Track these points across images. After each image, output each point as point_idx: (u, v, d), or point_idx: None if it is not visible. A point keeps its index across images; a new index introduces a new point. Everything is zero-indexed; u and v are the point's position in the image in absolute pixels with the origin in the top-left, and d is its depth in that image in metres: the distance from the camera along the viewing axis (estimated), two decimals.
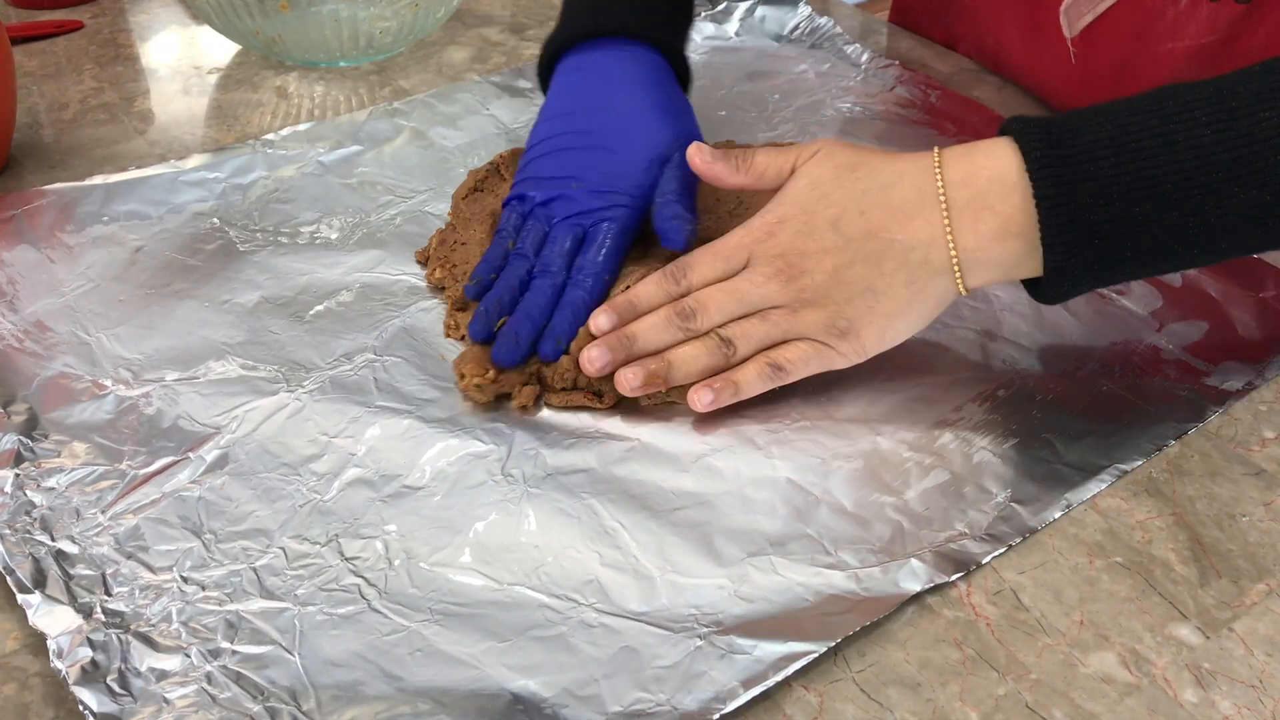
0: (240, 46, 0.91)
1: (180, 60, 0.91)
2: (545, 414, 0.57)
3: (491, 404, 0.57)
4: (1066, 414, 0.56)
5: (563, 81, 0.67)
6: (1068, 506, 0.52)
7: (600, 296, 0.59)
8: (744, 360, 0.56)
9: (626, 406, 0.57)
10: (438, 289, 0.64)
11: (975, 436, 0.55)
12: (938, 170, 0.53)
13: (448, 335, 0.61)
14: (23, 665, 0.46)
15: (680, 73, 0.69)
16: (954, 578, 0.48)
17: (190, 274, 0.66)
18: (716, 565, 0.49)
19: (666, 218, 0.60)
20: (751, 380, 0.55)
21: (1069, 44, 0.80)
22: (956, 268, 0.53)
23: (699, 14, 0.94)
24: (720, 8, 0.94)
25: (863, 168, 0.55)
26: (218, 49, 0.92)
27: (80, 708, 0.43)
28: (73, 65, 0.89)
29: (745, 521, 0.51)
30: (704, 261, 0.56)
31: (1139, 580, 0.49)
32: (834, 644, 0.45)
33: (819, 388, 0.58)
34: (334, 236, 0.69)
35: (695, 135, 0.65)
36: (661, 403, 0.57)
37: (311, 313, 0.63)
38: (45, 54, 0.91)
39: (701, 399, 0.55)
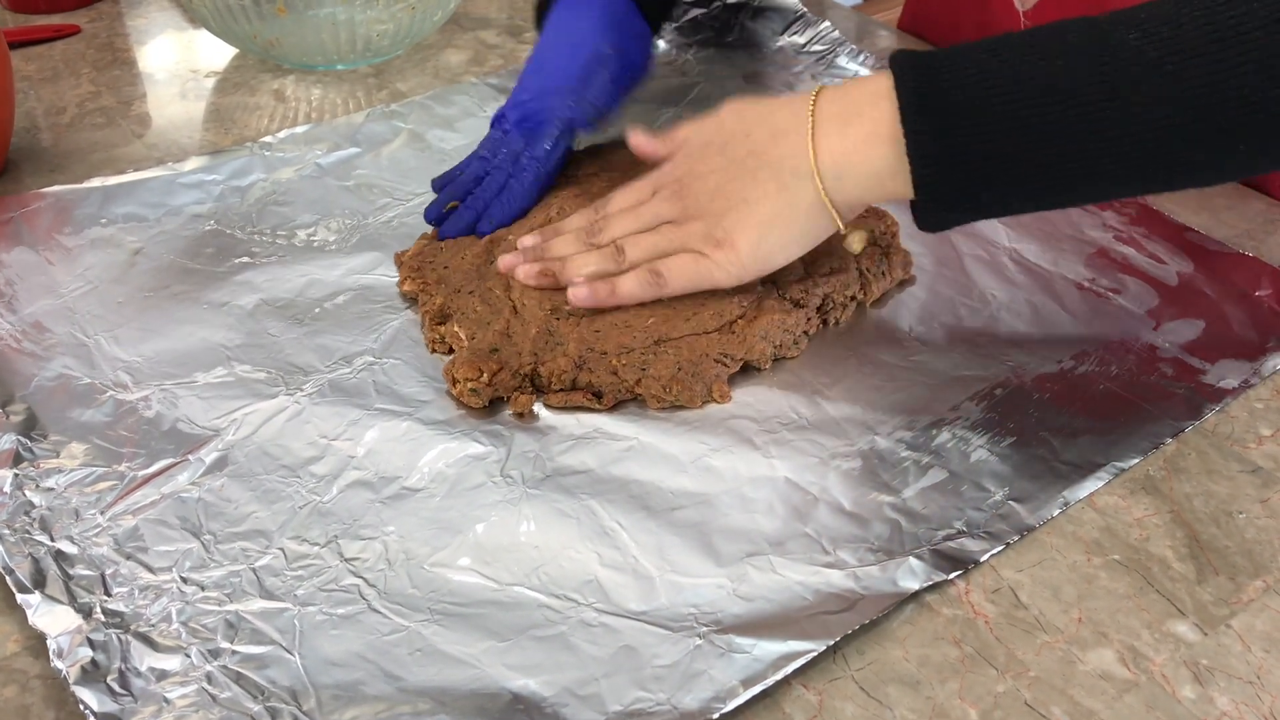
0: (237, 50, 0.91)
1: (177, 64, 0.91)
2: (544, 415, 0.57)
3: (490, 406, 0.57)
4: (1064, 412, 0.57)
5: (544, 26, 0.75)
6: (1065, 504, 0.52)
7: (537, 185, 0.68)
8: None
9: (625, 407, 0.57)
10: (409, 299, 0.64)
11: (973, 435, 0.55)
12: (814, 94, 0.56)
13: (433, 351, 0.61)
14: (23, 668, 0.46)
15: (651, 14, 0.76)
16: (952, 576, 0.49)
17: (189, 276, 0.66)
18: (715, 565, 0.49)
19: (582, 103, 0.69)
20: (630, 283, 0.59)
21: (1021, 17, 0.81)
22: (818, 174, 0.55)
23: (696, 15, 0.94)
24: (717, 9, 0.94)
25: (755, 105, 0.59)
26: (215, 52, 0.92)
27: (81, 708, 0.43)
28: (70, 69, 0.89)
29: (744, 521, 0.51)
30: (619, 194, 0.63)
31: (1137, 577, 0.49)
32: (833, 642, 0.46)
33: (817, 388, 0.58)
34: (332, 239, 0.69)
35: (631, 43, 0.72)
36: (666, 405, 0.57)
37: (310, 315, 0.63)
38: (43, 58, 0.91)
39: (577, 293, 0.59)
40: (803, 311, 0.60)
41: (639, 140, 0.64)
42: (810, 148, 0.55)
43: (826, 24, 0.92)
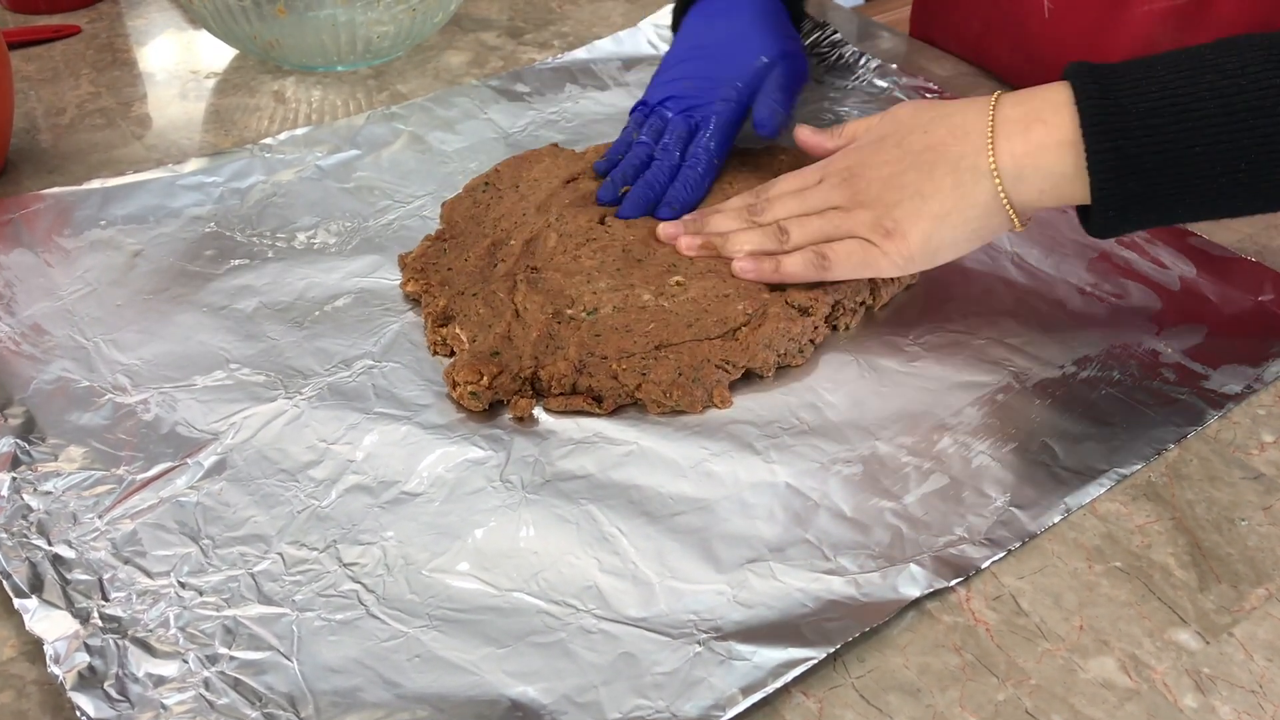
0: (237, 51, 0.91)
1: (177, 65, 0.90)
2: (543, 420, 0.57)
3: (489, 410, 0.57)
4: (1065, 418, 0.56)
5: (685, 24, 0.78)
6: (1067, 511, 0.52)
7: (709, 175, 0.69)
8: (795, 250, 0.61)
9: (625, 411, 0.57)
10: (411, 301, 0.64)
11: (974, 441, 0.55)
12: (993, 99, 0.57)
13: (434, 354, 0.60)
14: (20, 673, 0.46)
15: (793, 10, 0.79)
16: (953, 583, 0.48)
17: (188, 279, 0.66)
18: (715, 571, 0.49)
19: (764, 105, 0.70)
20: (796, 262, 0.60)
21: (1044, 2, 0.81)
22: (996, 174, 0.55)
23: None
24: None
25: (935, 105, 0.60)
26: (215, 53, 0.92)
27: (78, 714, 0.43)
28: (70, 70, 0.89)
29: (744, 527, 0.51)
30: (784, 179, 0.64)
31: (1138, 585, 0.49)
32: (833, 650, 0.45)
33: (818, 393, 0.58)
34: (332, 241, 0.69)
35: (797, 56, 0.74)
36: (666, 410, 0.57)
37: (309, 318, 0.63)
38: (43, 59, 0.91)
39: (742, 266, 0.61)
40: (810, 319, 0.60)
41: (806, 135, 0.65)
42: (990, 148, 0.56)
43: (829, 26, 0.91)
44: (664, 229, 0.64)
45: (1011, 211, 0.56)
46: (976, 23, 0.90)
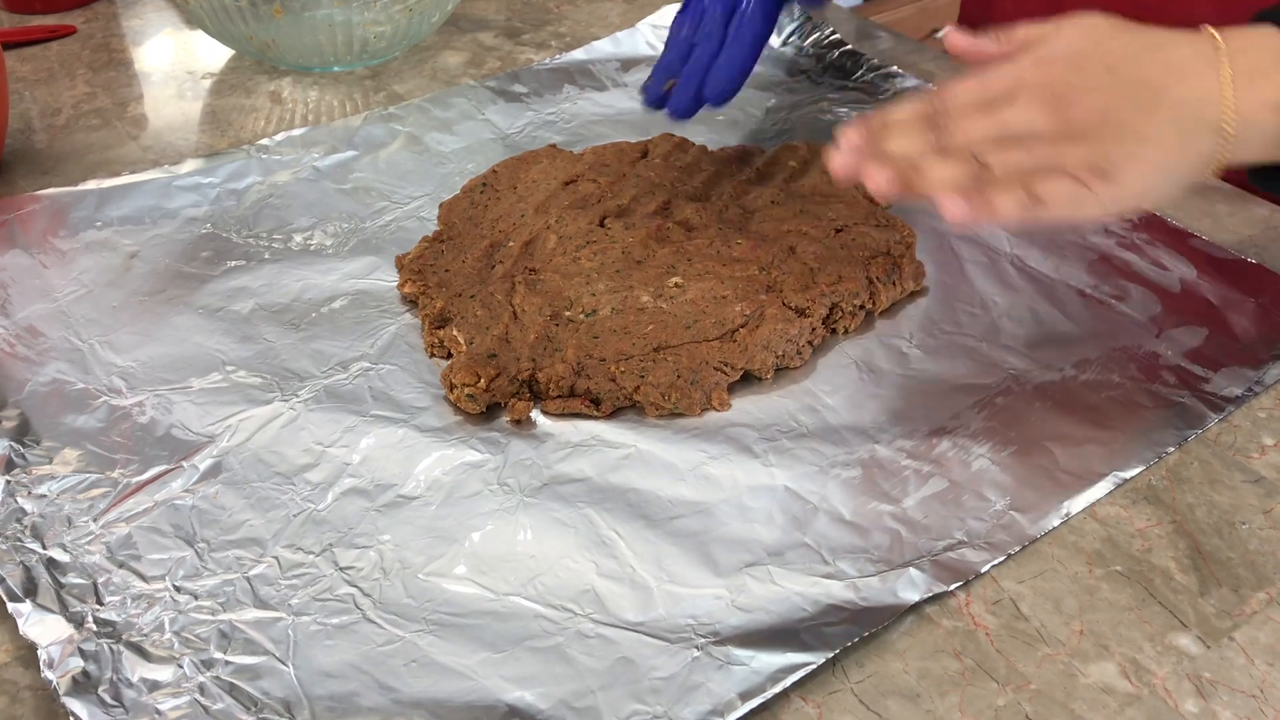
0: (234, 51, 0.91)
1: (174, 65, 0.90)
2: (541, 423, 0.57)
3: (487, 413, 0.57)
4: (1065, 421, 0.56)
5: None
6: (1067, 514, 0.52)
7: (756, 47, 0.67)
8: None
9: (623, 414, 0.57)
10: (409, 302, 0.64)
11: (973, 444, 0.55)
12: (1215, 36, 0.51)
13: (431, 355, 0.60)
14: (13, 678, 0.46)
15: None
16: (953, 587, 0.48)
17: (184, 280, 0.66)
18: (714, 575, 0.49)
19: None
20: (1009, 205, 0.51)
21: None
22: (1229, 129, 0.50)
23: None
24: None
25: (1136, 28, 0.52)
26: (211, 54, 0.91)
27: (72, 719, 0.43)
28: (66, 70, 0.89)
29: (743, 530, 0.51)
30: (967, 90, 0.52)
31: (1139, 589, 0.49)
32: (832, 655, 0.45)
33: (817, 396, 0.58)
34: (329, 243, 0.69)
35: None
36: (664, 413, 0.56)
37: (306, 320, 0.62)
38: (38, 59, 0.91)
39: (955, 205, 0.50)
40: (807, 320, 0.59)
41: (959, 39, 0.55)
42: (1225, 99, 0.50)
43: (827, 27, 0.91)
44: (835, 163, 0.53)
45: (1217, 169, 0.52)
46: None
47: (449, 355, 0.60)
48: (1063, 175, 0.50)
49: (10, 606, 0.47)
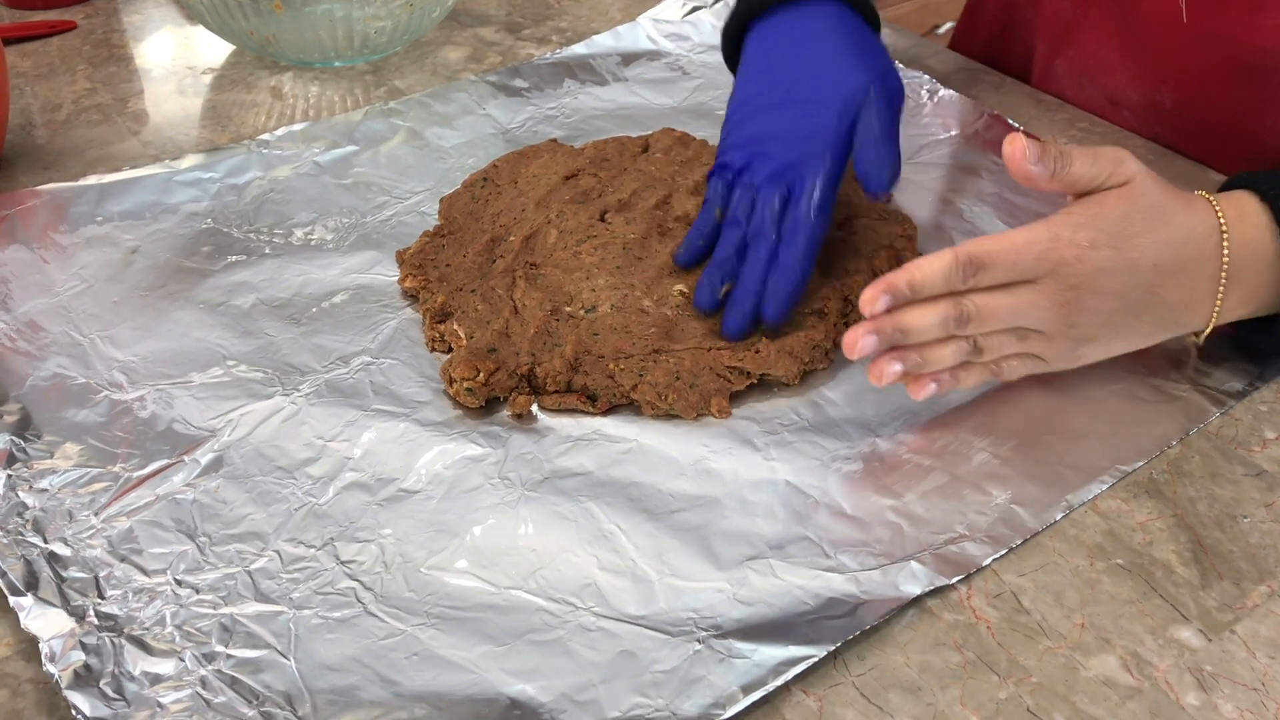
0: (234, 47, 0.91)
1: (174, 60, 0.90)
2: (542, 417, 0.57)
3: (487, 407, 0.57)
4: (1067, 415, 0.56)
5: (752, 50, 0.66)
6: (1068, 508, 0.52)
7: (812, 250, 0.58)
8: None
9: (623, 409, 0.57)
10: (409, 296, 0.64)
11: (975, 438, 0.55)
12: (1225, 233, 0.54)
13: (432, 350, 0.60)
14: (14, 671, 0.46)
15: (869, 20, 0.67)
16: (954, 580, 0.48)
17: (185, 275, 0.66)
18: (715, 568, 0.49)
19: (868, 153, 0.59)
20: (973, 379, 0.54)
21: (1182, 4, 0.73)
22: (1210, 325, 0.55)
23: (696, 13, 0.93)
24: (717, 7, 0.94)
25: (1166, 215, 0.53)
26: (212, 49, 0.91)
27: (73, 712, 0.43)
28: (66, 66, 0.89)
29: (744, 524, 0.51)
30: (1003, 264, 0.51)
31: (1140, 582, 0.49)
32: (834, 648, 0.45)
33: (818, 389, 0.58)
34: (329, 238, 0.69)
35: (891, 74, 0.63)
36: (660, 413, 0.56)
37: (307, 315, 0.62)
38: (39, 54, 0.90)
39: (925, 389, 0.53)
40: (825, 321, 0.59)
41: (1022, 163, 0.52)
42: (1216, 309, 0.54)
43: None
44: (855, 346, 0.51)
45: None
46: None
47: (449, 350, 0.60)
48: (1030, 356, 0.54)
49: (12, 600, 0.47)
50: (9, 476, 0.52)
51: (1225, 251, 0.53)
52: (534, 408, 0.57)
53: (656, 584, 0.48)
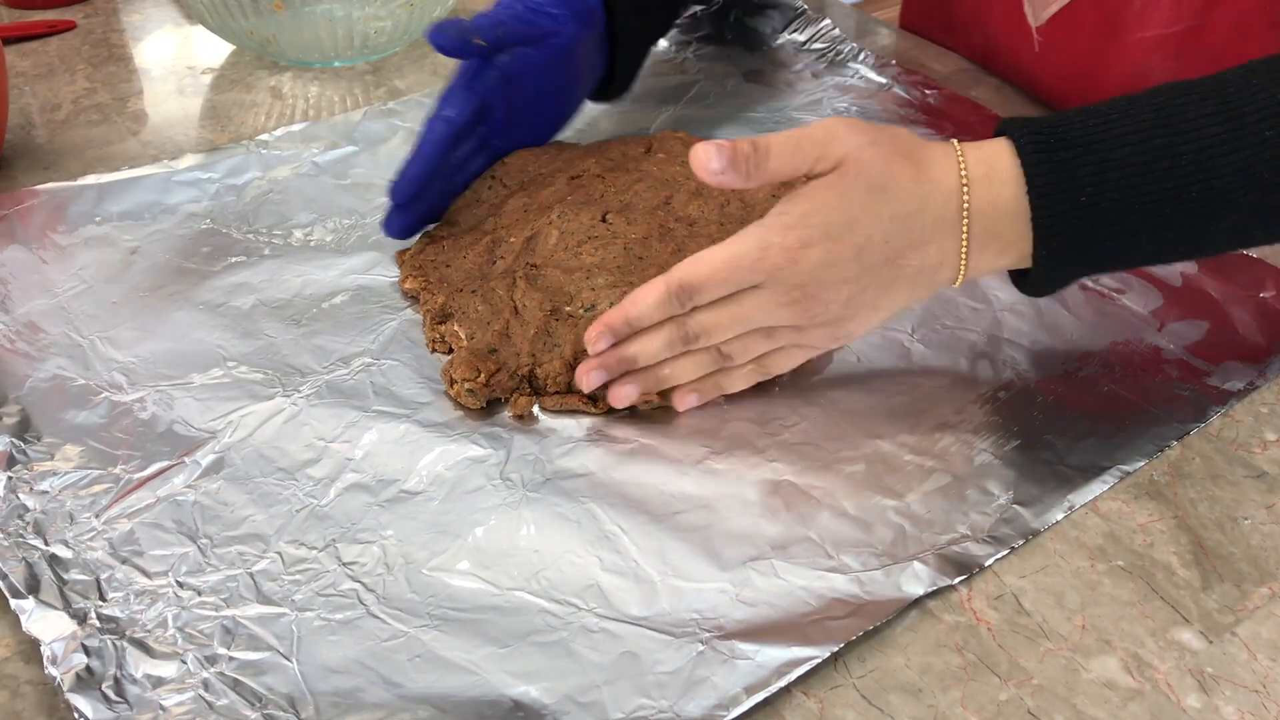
0: (234, 46, 0.91)
1: (174, 60, 0.90)
2: (543, 418, 0.56)
3: (489, 408, 0.57)
4: (1068, 415, 0.56)
5: None
6: (1070, 508, 0.52)
7: (435, 148, 0.63)
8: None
9: (624, 410, 0.57)
10: (410, 297, 0.64)
11: (976, 439, 0.55)
12: (966, 194, 0.52)
13: (433, 350, 0.60)
14: (14, 673, 0.46)
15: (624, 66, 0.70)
16: (956, 580, 0.48)
17: (184, 276, 0.65)
18: (718, 569, 0.49)
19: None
20: (739, 381, 0.56)
21: (1034, 32, 0.80)
22: (956, 283, 0.54)
23: (696, 13, 0.93)
24: (717, 7, 0.94)
25: (891, 190, 0.51)
26: (211, 49, 0.91)
27: (75, 715, 0.43)
28: (65, 65, 0.89)
29: (746, 525, 0.51)
30: (714, 284, 0.52)
31: (1141, 584, 0.49)
32: (838, 648, 0.45)
33: (819, 390, 0.58)
34: (329, 238, 0.68)
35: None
36: (659, 407, 0.56)
37: (307, 316, 0.62)
38: (38, 54, 0.90)
39: (686, 401, 0.56)
40: None
41: (713, 173, 0.51)
42: (960, 265, 0.53)
43: (827, 21, 0.91)
44: (585, 380, 0.55)
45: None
46: (966, 49, 0.89)
47: (450, 350, 0.60)
48: (794, 347, 0.55)
49: (13, 603, 0.47)
50: (9, 479, 0.52)
51: (965, 212, 0.52)
52: (535, 409, 0.57)
53: (659, 585, 0.48)
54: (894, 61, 0.87)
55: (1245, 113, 0.50)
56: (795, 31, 0.92)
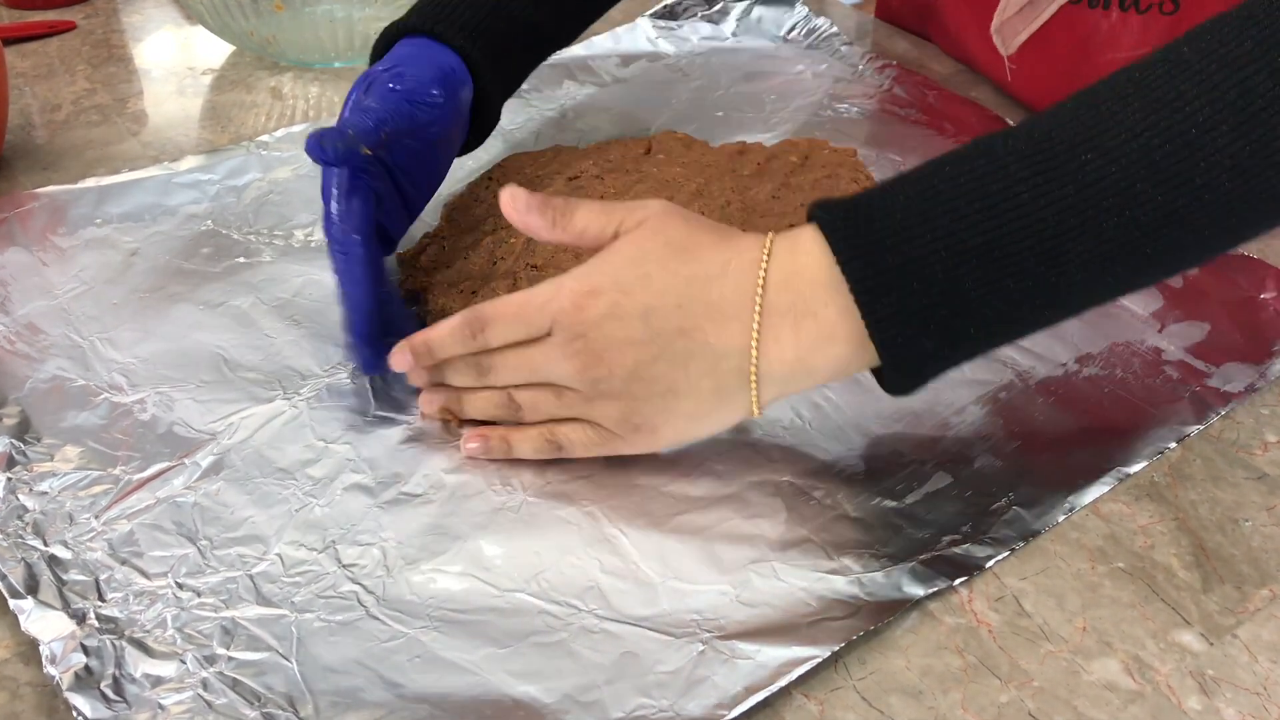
0: (234, 47, 0.91)
1: (174, 61, 0.90)
2: None
3: None
4: (1068, 416, 0.56)
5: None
6: (1070, 509, 0.52)
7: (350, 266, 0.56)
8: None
9: None
10: (412, 298, 0.64)
11: (976, 440, 0.55)
12: (764, 267, 0.48)
13: None
14: (13, 674, 0.46)
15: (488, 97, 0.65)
16: (957, 582, 0.48)
17: (185, 277, 0.65)
18: (718, 571, 0.49)
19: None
20: (526, 447, 0.53)
21: (1005, 61, 0.81)
22: (756, 382, 0.49)
23: (695, 14, 0.93)
24: (717, 8, 0.94)
25: (691, 251, 0.49)
26: (212, 50, 0.91)
27: (74, 714, 0.43)
28: (65, 66, 0.89)
29: (746, 526, 0.51)
30: (504, 320, 0.51)
31: (1141, 586, 0.49)
32: (838, 648, 0.45)
33: (819, 390, 0.58)
34: None
35: (392, 118, 0.58)
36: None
37: (308, 317, 0.62)
38: (38, 55, 0.90)
39: (473, 447, 0.54)
40: None
41: (519, 211, 0.52)
42: (754, 353, 0.48)
43: (827, 23, 0.91)
44: (395, 359, 0.54)
45: (757, 407, 0.50)
46: (953, 64, 0.90)
47: None
48: (589, 425, 0.52)
49: (12, 603, 0.47)
50: (9, 479, 0.52)
51: (760, 279, 0.48)
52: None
53: (659, 586, 0.48)
54: (894, 62, 0.87)
55: (1055, 148, 0.45)
56: (795, 32, 0.92)
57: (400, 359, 0.54)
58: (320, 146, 0.54)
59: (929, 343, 0.47)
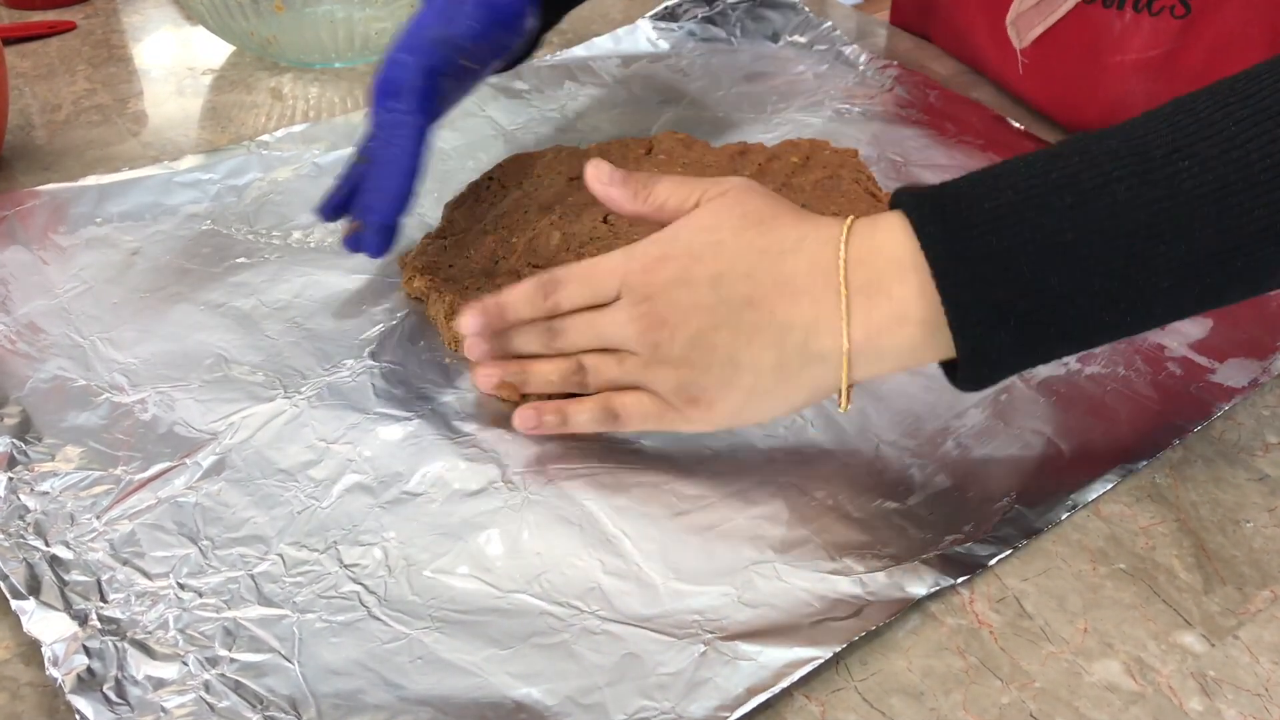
0: (235, 47, 0.91)
1: (174, 61, 0.90)
2: None
3: (490, 409, 0.57)
4: (1070, 414, 0.56)
5: None
6: (1073, 507, 0.52)
7: (417, 144, 0.58)
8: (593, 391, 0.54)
9: None
10: (415, 299, 0.64)
11: (978, 440, 0.55)
12: (843, 244, 0.47)
13: (454, 349, 0.60)
14: (14, 675, 0.46)
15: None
16: (960, 581, 0.48)
17: (185, 277, 0.65)
18: (720, 571, 0.49)
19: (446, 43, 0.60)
20: (583, 418, 0.53)
21: (1018, 54, 0.81)
22: (846, 358, 0.47)
23: (696, 16, 0.93)
24: (717, 9, 0.94)
25: (768, 224, 0.49)
26: (212, 50, 0.91)
27: (76, 716, 0.43)
28: (66, 66, 0.89)
29: (748, 527, 0.51)
30: (575, 282, 0.52)
31: (1143, 587, 0.49)
32: (841, 649, 0.45)
33: None
34: (330, 240, 0.68)
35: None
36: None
37: (308, 317, 0.62)
38: (38, 55, 0.90)
39: (526, 420, 0.54)
40: None
41: (603, 184, 0.53)
42: (845, 329, 0.47)
43: (828, 23, 0.91)
44: (467, 344, 0.55)
45: (845, 389, 0.48)
46: (954, 64, 0.90)
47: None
48: (647, 394, 0.51)
49: (14, 604, 0.46)
50: (10, 479, 0.52)
51: (842, 257, 0.47)
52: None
53: (661, 587, 0.48)
54: (895, 63, 0.87)
55: (1152, 152, 0.44)
56: (796, 33, 0.92)
57: (471, 320, 0.54)
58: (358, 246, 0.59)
59: (1005, 336, 0.45)
